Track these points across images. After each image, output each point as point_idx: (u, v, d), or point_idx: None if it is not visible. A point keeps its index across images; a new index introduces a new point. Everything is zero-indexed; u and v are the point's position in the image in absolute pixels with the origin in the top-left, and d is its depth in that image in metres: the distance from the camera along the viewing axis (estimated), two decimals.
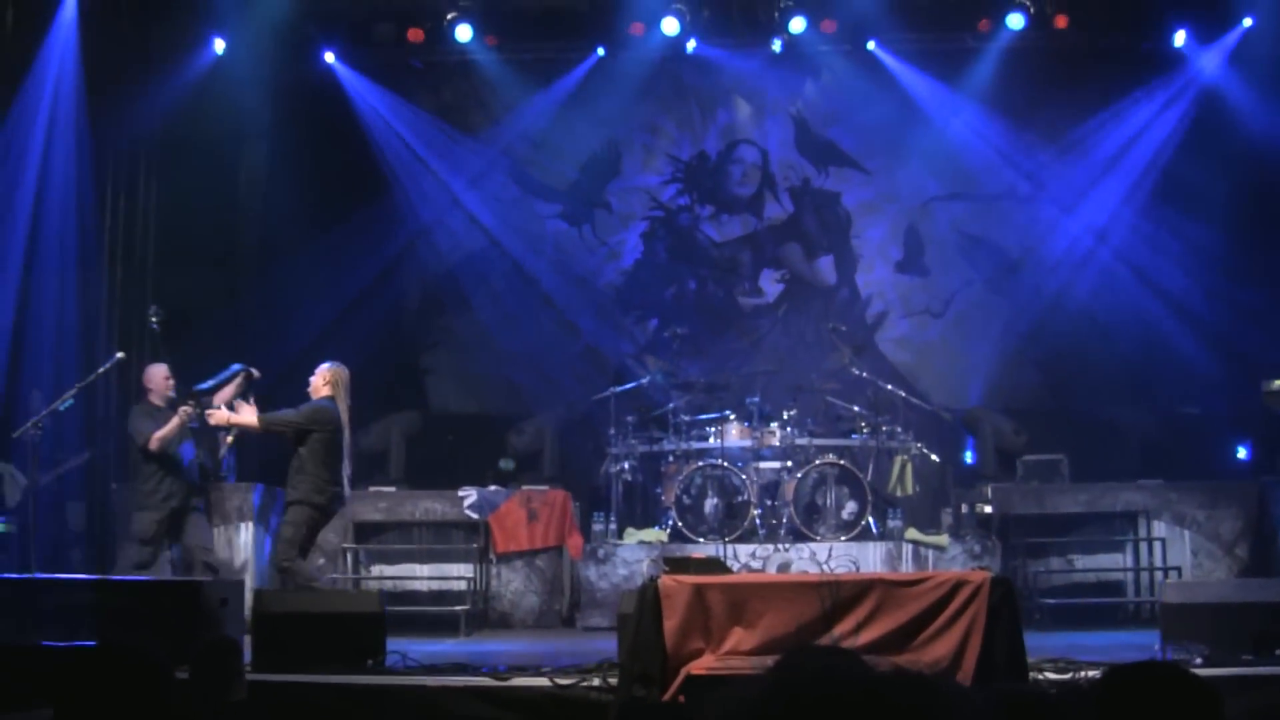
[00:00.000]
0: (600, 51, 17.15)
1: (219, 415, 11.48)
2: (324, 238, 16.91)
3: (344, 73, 17.18)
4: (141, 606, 9.57)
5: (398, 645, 9.85)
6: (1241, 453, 15.76)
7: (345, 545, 14.47)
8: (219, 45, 15.80)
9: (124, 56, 15.11)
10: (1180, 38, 16.27)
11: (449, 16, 16.44)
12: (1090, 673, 8.41)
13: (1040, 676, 8.50)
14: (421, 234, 17.78)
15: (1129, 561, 14.14)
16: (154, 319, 12.49)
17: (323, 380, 11.46)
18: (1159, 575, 13.62)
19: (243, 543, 13.81)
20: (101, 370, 12.86)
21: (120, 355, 12.80)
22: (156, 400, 12.32)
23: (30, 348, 14.03)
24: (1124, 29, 16.40)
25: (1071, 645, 10.20)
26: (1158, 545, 13.93)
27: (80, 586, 10.28)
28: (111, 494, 14.07)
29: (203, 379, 12.15)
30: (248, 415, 11.31)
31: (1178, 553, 13.97)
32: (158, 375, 12.38)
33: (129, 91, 14.93)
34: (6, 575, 10.96)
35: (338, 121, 17.13)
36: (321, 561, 14.51)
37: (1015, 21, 16.11)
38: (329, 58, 17.00)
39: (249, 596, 10.74)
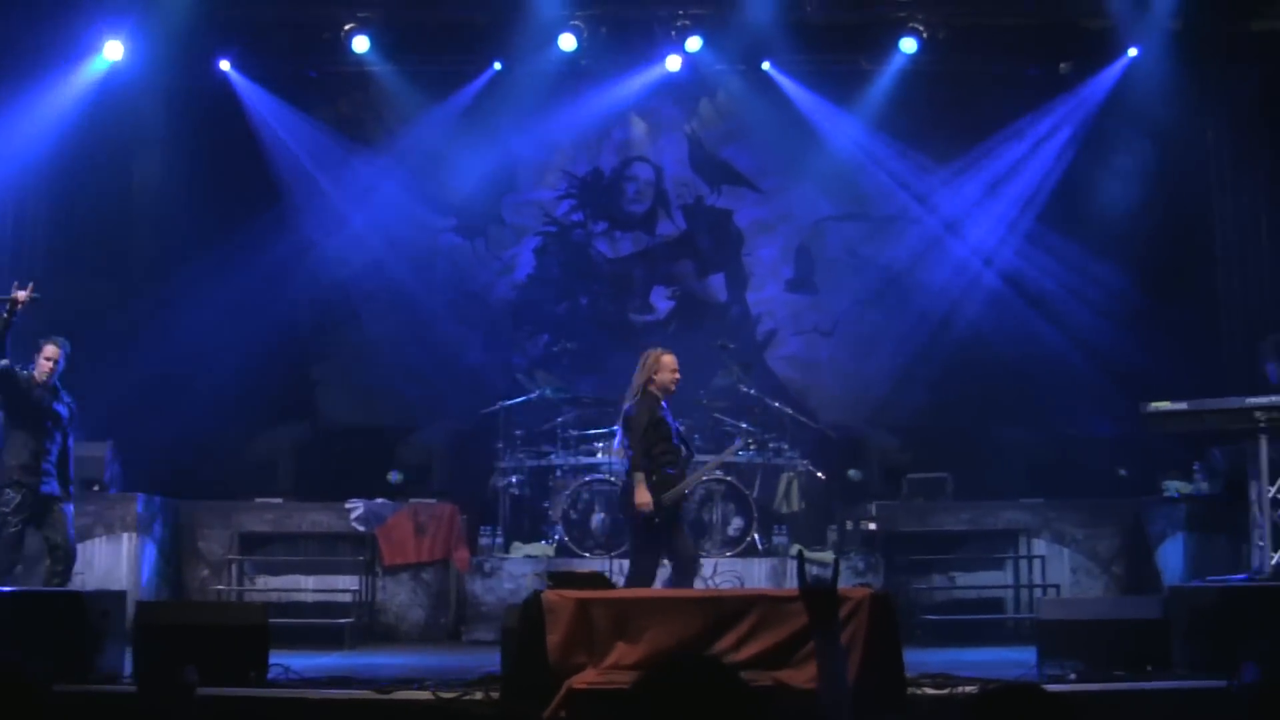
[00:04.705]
0: (497, 65, 17.02)
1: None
2: (218, 247, 16.60)
3: (239, 81, 16.94)
4: (17, 618, 9.48)
5: (281, 658, 9.78)
6: (1122, 473, 15.97)
7: (230, 557, 14.39)
8: (114, 49, 15.55)
9: (12, 59, 14.91)
10: (1066, 65, 16.60)
11: (347, 27, 16.26)
12: (967, 689, 8.54)
13: (919, 692, 8.60)
14: (313, 245, 17.46)
15: (1010, 579, 14.36)
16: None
17: None
18: (1038, 592, 13.87)
19: (125, 553, 13.68)
20: None
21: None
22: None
23: None
24: (1013, 55, 16.59)
25: (951, 661, 10.35)
26: (1038, 563, 14.20)
27: None
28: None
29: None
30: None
31: (1057, 570, 14.26)
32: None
33: (19, 96, 14.75)
34: None
35: (233, 130, 16.90)
36: (206, 573, 14.44)
37: (908, 45, 16.13)
38: (224, 65, 16.79)
39: (131, 608, 10.64)
